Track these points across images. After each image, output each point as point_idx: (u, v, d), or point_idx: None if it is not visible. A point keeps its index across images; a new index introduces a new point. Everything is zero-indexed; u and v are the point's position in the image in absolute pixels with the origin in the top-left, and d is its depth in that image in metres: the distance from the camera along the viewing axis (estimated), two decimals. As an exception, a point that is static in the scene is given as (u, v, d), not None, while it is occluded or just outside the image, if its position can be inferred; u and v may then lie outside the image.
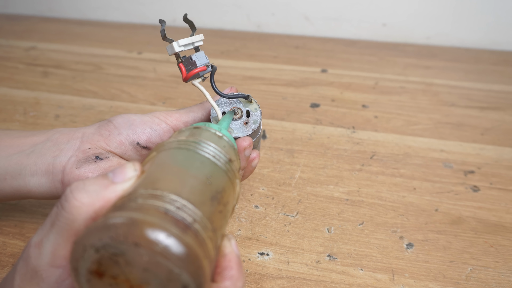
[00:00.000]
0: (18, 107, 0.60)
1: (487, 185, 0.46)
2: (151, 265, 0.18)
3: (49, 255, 0.21)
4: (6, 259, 0.36)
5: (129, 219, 0.18)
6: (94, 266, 0.19)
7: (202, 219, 0.21)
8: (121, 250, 0.18)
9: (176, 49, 0.32)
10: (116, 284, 0.19)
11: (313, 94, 0.64)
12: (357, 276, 0.36)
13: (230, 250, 0.23)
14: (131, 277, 0.19)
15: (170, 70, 0.71)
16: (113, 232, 0.18)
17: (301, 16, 0.88)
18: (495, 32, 0.82)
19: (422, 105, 0.62)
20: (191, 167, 0.24)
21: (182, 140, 0.26)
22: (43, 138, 0.34)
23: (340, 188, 0.45)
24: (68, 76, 0.69)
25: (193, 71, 0.33)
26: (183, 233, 0.19)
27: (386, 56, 0.78)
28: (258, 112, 0.34)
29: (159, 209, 0.20)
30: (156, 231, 0.18)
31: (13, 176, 0.32)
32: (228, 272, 0.23)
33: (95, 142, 0.33)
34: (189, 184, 0.22)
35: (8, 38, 0.85)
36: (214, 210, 0.23)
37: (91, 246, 0.18)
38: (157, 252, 0.18)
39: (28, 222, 0.40)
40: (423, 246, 0.38)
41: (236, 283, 0.22)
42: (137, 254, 0.18)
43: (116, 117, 0.35)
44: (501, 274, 0.36)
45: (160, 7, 0.93)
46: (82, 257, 0.19)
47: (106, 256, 0.18)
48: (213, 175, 0.24)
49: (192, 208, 0.21)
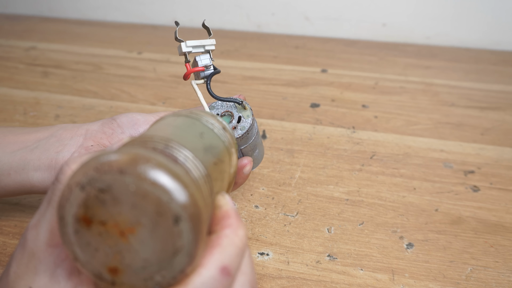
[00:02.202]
0: (18, 107, 0.60)
1: (487, 185, 0.46)
2: (139, 197, 0.17)
3: (47, 234, 0.20)
4: (6, 259, 0.36)
5: (114, 153, 0.18)
6: (81, 210, 0.18)
7: (194, 160, 0.20)
8: (107, 183, 0.17)
9: (183, 49, 0.33)
10: (106, 232, 0.18)
11: (313, 94, 0.64)
12: (357, 276, 0.36)
13: (224, 202, 0.22)
14: (120, 220, 0.17)
15: (170, 70, 0.71)
16: (99, 164, 0.17)
17: (301, 16, 0.88)
18: (495, 32, 0.82)
19: (422, 105, 0.62)
20: (184, 125, 0.24)
21: (181, 111, 0.26)
22: (46, 134, 0.34)
23: (340, 188, 0.45)
24: (68, 76, 0.69)
25: (191, 69, 0.33)
26: (173, 163, 0.18)
27: (386, 56, 0.78)
28: (250, 119, 0.34)
29: (147, 145, 0.19)
30: (142, 159, 0.17)
31: (17, 171, 0.33)
32: (226, 221, 0.21)
33: (98, 139, 0.33)
34: (180, 134, 0.22)
35: (8, 38, 0.85)
36: (208, 160, 0.22)
37: (77, 184, 0.17)
38: (143, 178, 0.17)
39: (28, 222, 0.40)
40: (423, 246, 0.38)
41: (236, 231, 0.21)
42: (123, 184, 0.17)
43: (120, 116, 0.35)
44: (501, 274, 0.36)
45: (160, 7, 0.93)
46: (68, 200, 0.18)
47: (93, 195, 0.17)
48: (206, 132, 0.24)
49: (180, 149, 0.20)
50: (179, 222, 0.17)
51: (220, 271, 0.19)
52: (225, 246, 0.20)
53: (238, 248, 0.21)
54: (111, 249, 0.18)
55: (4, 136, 0.35)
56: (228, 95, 0.64)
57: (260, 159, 0.39)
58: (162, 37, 0.86)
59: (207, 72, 0.34)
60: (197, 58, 0.34)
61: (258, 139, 0.37)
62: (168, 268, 0.18)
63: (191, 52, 0.33)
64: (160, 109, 0.60)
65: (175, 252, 0.17)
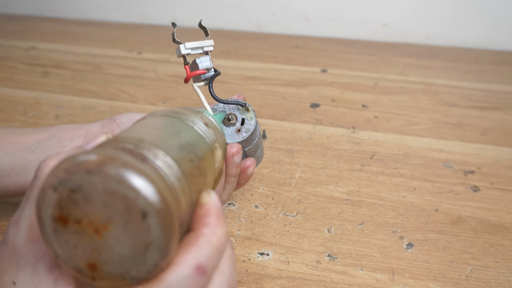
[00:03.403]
0: (18, 107, 0.60)
1: (487, 185, 0.46)
2: (108, 196, 0.18)
3: (26, 229, 0.21)
4: (6, 259, 0.36)
5: (84, 153, 0.18)
6: (56, 210, 0.18)
7: (166, 159, 0.20)
8: (76, 184, 0.18)
9: (182, 51, 0.33)
10: (82, 230, 0.18)
11: (313, 94, 0.64)
12: (357, 276, 0.36)
13: (208, 200, 0.22)
14: (94, 218, 0.18)
15: (170, 70, 0.71)
16: (68, 165, 0.18)
17: (301, 16, 0.88)
18: (495, 32, 0.82)
19: (422, 105, 0.62)
20: (162, 125, 0.24)
21: (156, 112, 0.26)
22: (46, 135, 0.34)
23: (340, 188, 0.45)
24: (68, 76, 0.69)
25: (192, 73, 0.33)
26: (141, 162, 0.18)
27: (386, 56, 0.78)
28: (253, 121, 0.34)
29: (117, 146, 0.20)
30: (109, 158, 0.18)
31: (17, 173, 0.33)
32: (206, 220, 0.21)
33: None
34: (154, 133, 0.22)
35: (8, 38, 0.85)
36: (183, 157, 0.22)
37: (49, 185, 0.18)
38: (109, 176, 0.17)
39: (28, 222, 0.40)
40: (423, 246, 0.38)
41: (215, 230, 0.21)
42: (92, 183, 0.18)
43: (120, 117, 0.35)
44: (501, 274, 0.36)
45: (160, 7, 0.93)
46: (44, 201, 0.18)
47: (65, 195, 0.18)
48: (183, 129, 0.24)
49: (152, 148, 0.20)
50: (147, 218, 0.18)
51: (195, 270, 0.19)
52: (201, 244, 0.20)
53: (215, 247, 0.21)
54: (88, 246, 0.19)
55: (4, 137, 0.35)
56: (228, 95, 0.64)
57: (261, 159, 0.39)
58: (162, 37, 0.86)
59: (208, 74, 0.34)
60: (197, 60, 0.33)
61: (259, 140, 0.37)
62: (142, 263, 0.18)
63: (189, 54, 0.33)
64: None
65: (146, 247, 0.18)
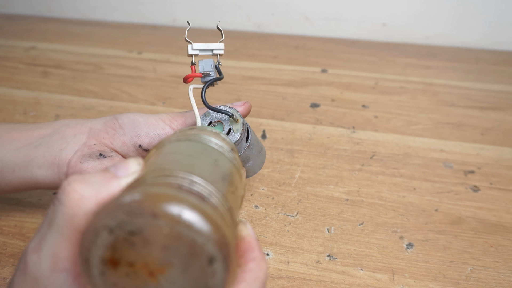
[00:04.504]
0: (18, 107, 0.60)
1: (487, 185, 0.46)
2: (172, 240, 0.17)
3: (50, 259, 0.19)
4: (6, 259, 0.36)
5: (143, 193, 0.17)
6: (108, 252, 0.17)
7: (217, 195, 0.20)
8: (138, 226, 0.17)
9: (189, 51, 0.33)
10: (134, 273, 0.17)
11: (313, 94, 0.64)
12: (357, 276, 0.36)
13: (247, 233, 0.22)
14: (150, 261, 0.17)
15: (170, 70, 0.71)
16: (128, 207, 0.17)
17: (301, 16, 0.88)
18: (495, 32, 0.82)
19: (422, 105, 0.62)
20: (196, 152, 0.23)
21: (182, 134, 0.26)
22: (50, 131, 0.34)
23: (340, 188, 0.45)
24: (68, 76, 0.69)
25: (187, 75, 0.33)
26: (203, 203, 0.18)
27: (386, 56, 0.78)
28: (238, 134, 0.33)
29: (171, 184, 0.19)
30: (174, 200, 0.17)
31: (21, 168, 0.33)
32: (250, 254, 0.21)
33: (101, 139, 0.33)
34: (198, 165, 0.22)
35: (8, 38, 0.85)
36: (227, 190, 0.22)
37: (104, 227, 0.17)
38: (177, 221, 0.16)
39: (28, 222, 0.40)
40: (423, 246, 0.38)
41: (260, 264, 0.21)
42: (156, 227, 0.16)
43: (122, 117, 0.35)
44: (501, 274, 0.36)
45: (160, 7, 0.93)
46: (94, 243, 0.17)
47: (121, 238, 0.17)
48: (219, 159, 0.24)
49: (205, 184, 0.20)
50: (214, 263, 0.17)
51: None
52: (250, 281, 0.20)
53: (262, 282, 0.21)
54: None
55: (7, 133, 0.35)
56: (228, 95, 0.64)
57: (257, 169, 0.38)
58: (162, 37, 0.86)
59: (207, 78, 0.33)
60: (200, 62, 0.33)
61: (251, 151, 0.36)
62: None
63: (198, 54, 0.33)
64: (160, 109, 0.60)
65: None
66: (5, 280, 0.34)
